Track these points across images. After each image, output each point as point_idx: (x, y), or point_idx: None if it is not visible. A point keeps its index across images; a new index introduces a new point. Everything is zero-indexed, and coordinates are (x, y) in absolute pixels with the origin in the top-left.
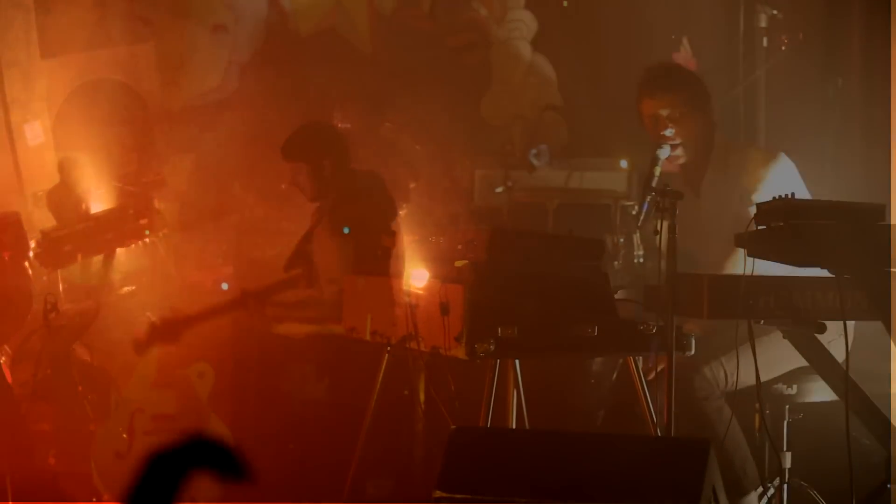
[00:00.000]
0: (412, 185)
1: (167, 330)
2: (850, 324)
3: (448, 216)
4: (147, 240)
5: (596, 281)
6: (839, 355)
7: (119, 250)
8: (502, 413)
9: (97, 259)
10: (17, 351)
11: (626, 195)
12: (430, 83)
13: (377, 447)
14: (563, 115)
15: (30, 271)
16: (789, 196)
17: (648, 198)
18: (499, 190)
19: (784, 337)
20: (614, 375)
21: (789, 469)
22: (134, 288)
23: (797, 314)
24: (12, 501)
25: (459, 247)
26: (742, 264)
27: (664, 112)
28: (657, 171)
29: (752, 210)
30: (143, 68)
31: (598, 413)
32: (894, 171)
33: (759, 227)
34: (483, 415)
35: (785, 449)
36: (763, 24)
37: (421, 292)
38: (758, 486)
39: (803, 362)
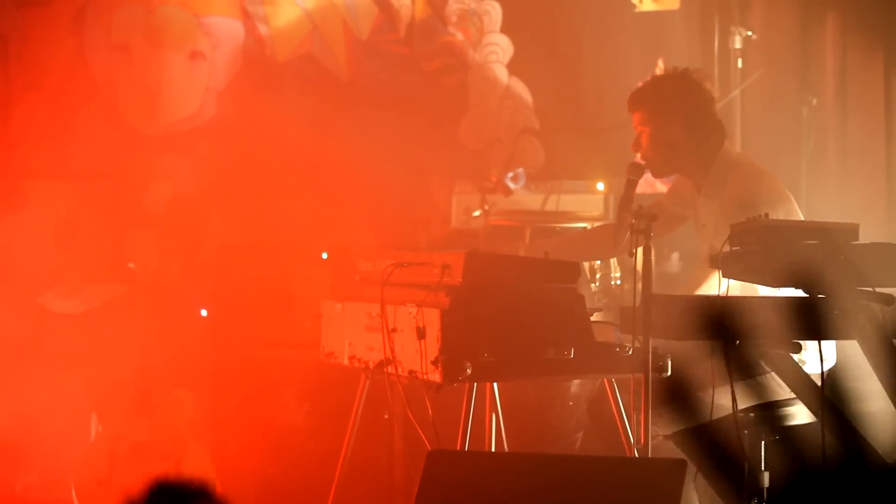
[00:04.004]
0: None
1: None
2: (829, 344)
3: (426, 240)
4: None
5: (572, 303)
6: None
7: (97, 277)
8: (482, 436)
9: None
10: None
11: (603, 217)
12: (407, 107)
13: (357, 471)
14: (539, 138)
15: None
16: (763, 216)
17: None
18: (476, 213)
19: (759, 358)
20: None
21: (767, 488)
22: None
23: (772, 334)
24: None
25: (436, 271)
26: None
27: (641, 127)
28: (632, 193)
29: None
30: (120, 95)
31: (577, 435)
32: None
33: (734, 248)
34: (461, 438)
35: (763, 469)
36: (738, 45)
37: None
38: None
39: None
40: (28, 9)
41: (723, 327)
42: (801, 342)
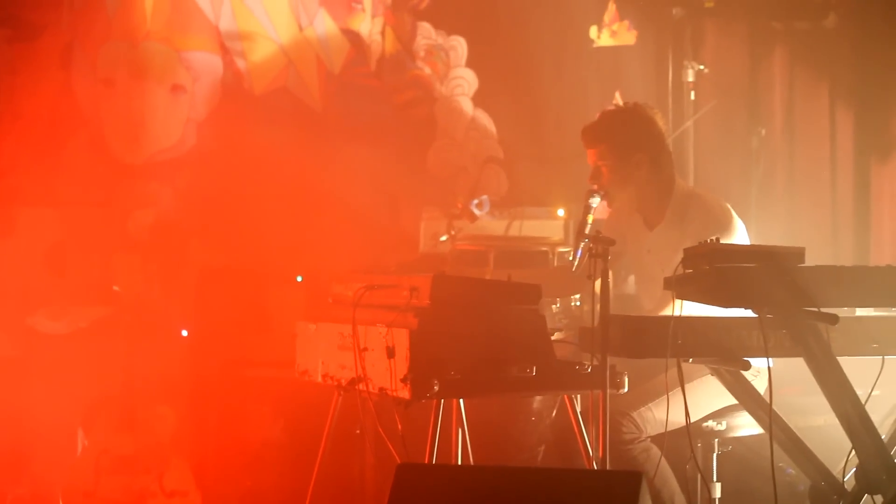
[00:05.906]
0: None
1: None
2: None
3: (395, 264)
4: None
5: (534, 323)
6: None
7: (84, 300)
8: (449, 450)
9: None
10: None
11: (563, 242)
12: (377, 137)
13: (330, 483)
14: (503, 166)
15: None
16: (714, 241)
17: (582, 244)
18: (443, 238)
19: (711, 374)
20: (553, 413)
21: (719, 499)
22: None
23: (723, 352)
24: None
25: (405, 293)
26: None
27: (601, 162)
28: (590, 218)
29: None
30: (106, 126)
31: (539, 449)
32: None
33: (687, 271)
34: (429, 452)
35: (715, 480)
36: (690, 78)
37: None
38: None
39: (730, 401)
40: (17, 44)
41: (676, 345)
42: (751, 360)
